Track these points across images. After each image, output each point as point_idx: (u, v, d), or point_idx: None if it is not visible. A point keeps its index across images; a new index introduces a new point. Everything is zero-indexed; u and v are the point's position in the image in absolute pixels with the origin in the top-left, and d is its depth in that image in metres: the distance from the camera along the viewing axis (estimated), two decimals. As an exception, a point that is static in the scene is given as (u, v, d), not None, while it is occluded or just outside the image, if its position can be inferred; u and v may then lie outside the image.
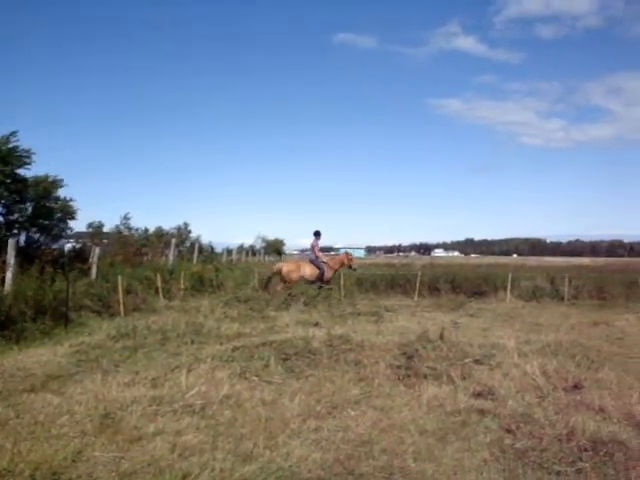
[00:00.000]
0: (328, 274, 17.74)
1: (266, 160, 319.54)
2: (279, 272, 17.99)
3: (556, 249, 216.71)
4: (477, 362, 7.66)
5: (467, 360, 7.63)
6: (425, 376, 6.81)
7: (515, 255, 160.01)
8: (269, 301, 15.16)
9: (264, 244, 63.80)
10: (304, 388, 6.35)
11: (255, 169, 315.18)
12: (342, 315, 13.24)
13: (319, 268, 17.67)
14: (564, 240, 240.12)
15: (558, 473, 4.18)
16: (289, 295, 16.20)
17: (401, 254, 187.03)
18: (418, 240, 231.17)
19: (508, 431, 5.07)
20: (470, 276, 21.77)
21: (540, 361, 7.44)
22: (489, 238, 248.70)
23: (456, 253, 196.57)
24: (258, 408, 5.58)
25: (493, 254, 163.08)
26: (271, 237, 66.13)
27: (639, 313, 14.86)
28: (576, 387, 6.50)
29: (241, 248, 50.28)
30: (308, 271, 17.73)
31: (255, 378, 6.76)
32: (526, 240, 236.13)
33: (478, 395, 6.15)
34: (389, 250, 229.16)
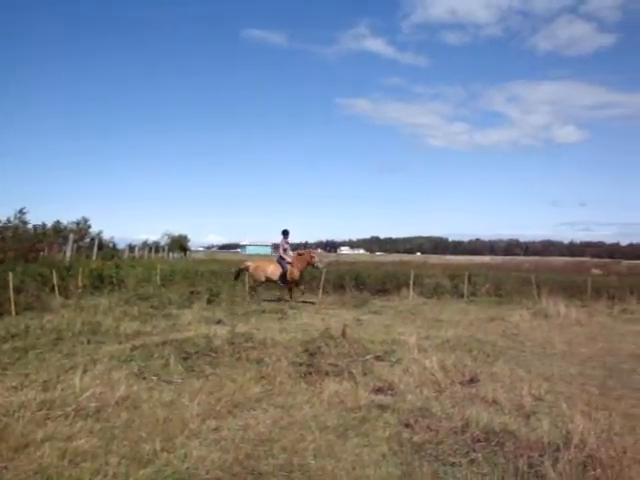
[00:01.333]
0: (293, 274, 16.94)
1: (173, 157, 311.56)
2: (246, 269, 17.93)
3: (458, 248, 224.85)
4: (378, 358, 7.80)
5: (368, 356, 7.75)
6: (327, 373, 6.84)
7: (419, 253, 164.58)
8: (171, 299, 14.82)
9: (169, 240, 62.48)
10: (205, 387, 6.21)
11: (162, 165, 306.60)
12: (246, 313, 13.16)
13: (282, 267, 17.08)
14: (465, 239, 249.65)
15: (452, 464, 4.30)
16: (251, 294, 16.84)
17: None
18: (325, 237, 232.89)
19: (407, 425, 5.16)
20: (374, 274, 22.20)
21: (439, 356, 7.67)
22: (394, 236, 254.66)
23: (362, 251, 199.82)
24: (156, 409, 5.40)
25: (398, 252, 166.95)
26: (176, 233, 64.80)
27: (532, 309, 15.62)
28: (472, 381, 6.75)
29: (145, 244, 48.98)
30: (270, 270, 17.24)
31: (154, 378, 6.56)
32: (429, 239, 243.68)
33: (378, 391, 6.26)
34: (296, 247, 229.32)
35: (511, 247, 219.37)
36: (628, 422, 5.15)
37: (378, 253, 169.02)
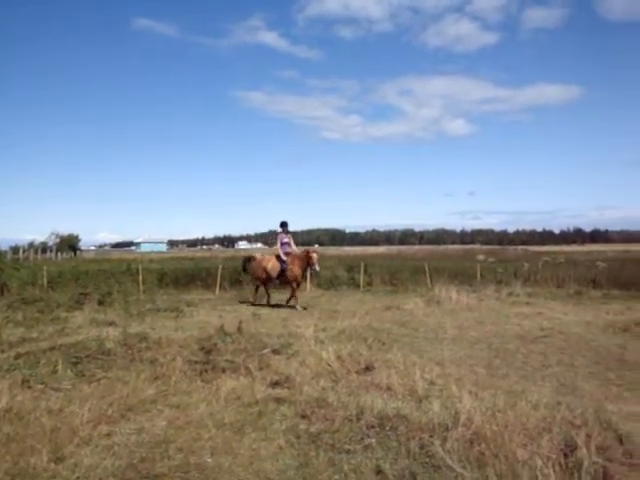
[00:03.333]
0: (293, 272, 15.11)
1: (61, 154, 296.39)
2: (253, 259, 16.62)
3: (355, 239, 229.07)
4: (275, 352, 7.82)
5: (265, 351, 7.75)
6: (223, 370, 6.79)
7: (317, 245, 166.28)
8: (59, 301, 14.17)
9: (58, 240, 59.65)
10: (96, 392, 5.98)
11: (48, 163, 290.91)
12: (140, 312, 12.79)
13: (281, 264, 15.34)
14: (362, 230, 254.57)
15: (348, 451, 4.39)
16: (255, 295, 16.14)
17: (204, 247, 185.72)
18: (222, 233, 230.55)
19: (303, 417, 5.21)
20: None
21: (335, 347, 7.78)
22: (292, 229, 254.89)
23: (260, 245, 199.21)
24: (43, 419, 5.13)
25: (296, 245, 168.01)
26: (65, 233, 61.98)
27: (426, 296, 16.20)
28: (367, 369, 6.90)
29: (31, 245, 46.53)
30: (270, 265, 15.57)
31: (41, 386, 6.23)
32: (327, 231, 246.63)
33: (275, 384, 6.27)
34: (192, 243, 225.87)
35: (406, 237, 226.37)
36: (511, 399, 5.44)
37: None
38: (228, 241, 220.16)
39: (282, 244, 15.53)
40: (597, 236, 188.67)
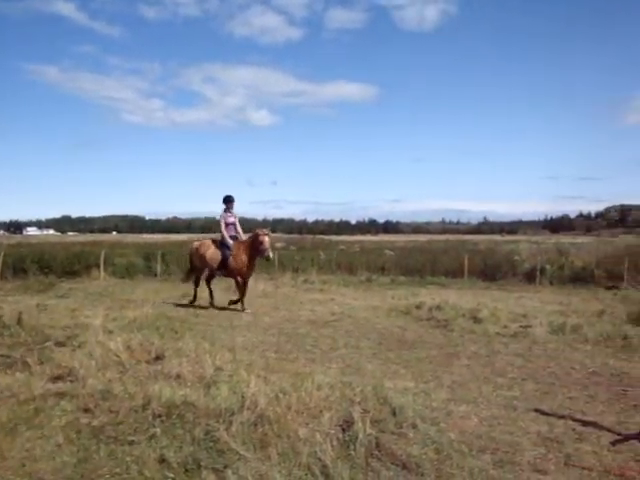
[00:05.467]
0: (237, 261, 12.13)
1: None
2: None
3: (155, 226, 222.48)
4: (59, 344, 7.33)
5: (48, 343, 7.24)
6: (-3, 366, 6.21)
7: (115, 232, 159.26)
8: None
9: None
10: None
11: None
12: None
13: (223, 251, 12.38)
14: (163, 217, 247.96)
15: (131, 443, 4.25)
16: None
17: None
18: (8, 218, 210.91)
19: (86, 410, 4.95)
20: (62, 255, 20.84)
21: (125, 337, 7.49)
22: (88, 215, 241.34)
23: (52, 231, 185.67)
24: None
25: (92, 232, 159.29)
26: None
27: (224, 285, 16.19)
28: (158, 358, 6.74)
29: None
30: (209, 253, 12.62)
31: None
32: (125, 217, 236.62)
33: (57, 378, 5.87)
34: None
35: (209, 225, 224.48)
36: (298, 381, 5.62)
37: (70, 233, 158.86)
38: (15, 227, 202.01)
39: (227, 225, 12.51)
40: (389, 227, 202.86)
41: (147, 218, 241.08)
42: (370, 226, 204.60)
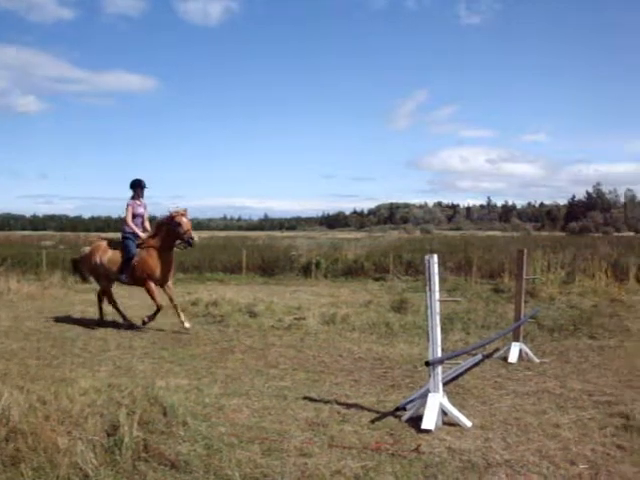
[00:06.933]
0: (146, 263, 9.50)
1: None
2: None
3: None
4: None
5: None
6: None
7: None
8: None
9: None
10: None
11: None
12: None
13: (126, 251, 9.65)
14: None
15: None
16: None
17: None
18: None
19: None
20: None
21: None
22: None
23: None
24: None
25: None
26: None
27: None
28: None
29: None
30: (107, 256, 9.91)
31: None
32: None
33: None
34: None
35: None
36: (61, 387, 5.24)
37: None
38: None
39: (135, 216, 9.99)
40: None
41: None
42: (150, 222, 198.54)
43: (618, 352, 7.96)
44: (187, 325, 9.31)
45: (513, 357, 7.44)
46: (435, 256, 5.07)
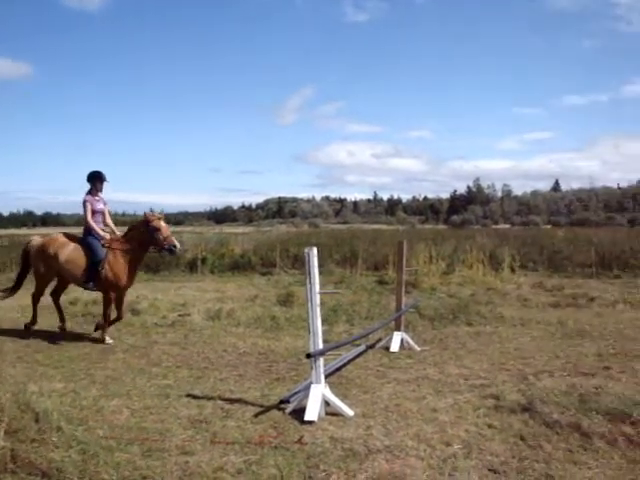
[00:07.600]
0: (114, 268, 8.24)
1: None
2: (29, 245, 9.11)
3: None
4: None
5: None
6: None
7: None
8: None
9: None
10: None
11: None
12: None
13: (93, 252, 8.26)
14: None
15: None
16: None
17: None
18: None
19: None
20: None
21: None
22: None
23: None
24: None
25: None
26: None
27: None
28: None
29: None
30: (66, 254, 8.36)
31: None
32: None
33: None
34: None
35: None
36: None
37: None
38: None
39: (95, 213, 8.70)
40: (50, 219, 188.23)
41: None
42: (27, 218, 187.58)
43: (493, 337, 8.46)
44: (109, 341, 8.21)
45: (395, 346, 7.69)
46: (314, 249, 5.14)
